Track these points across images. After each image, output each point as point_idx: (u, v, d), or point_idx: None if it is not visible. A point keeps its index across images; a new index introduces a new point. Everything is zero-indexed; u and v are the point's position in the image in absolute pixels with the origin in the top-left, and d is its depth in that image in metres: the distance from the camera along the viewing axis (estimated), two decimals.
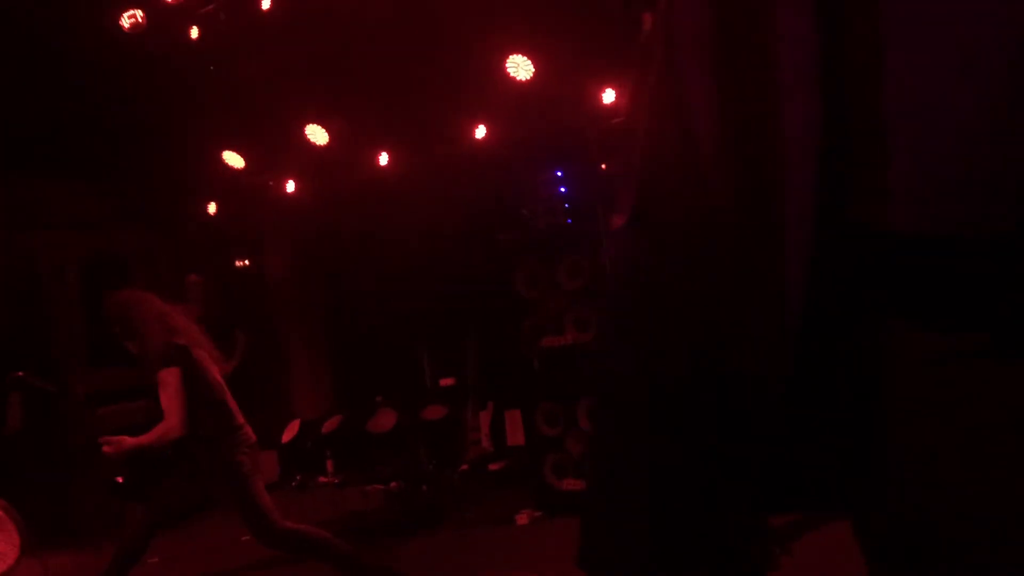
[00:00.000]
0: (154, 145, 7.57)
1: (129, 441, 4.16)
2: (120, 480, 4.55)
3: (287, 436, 6.55)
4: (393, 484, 6.12)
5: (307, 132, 6.97)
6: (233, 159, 7.49)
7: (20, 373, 6.04)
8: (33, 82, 7.20)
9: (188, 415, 4.17)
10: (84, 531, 6.97)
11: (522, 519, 5.67)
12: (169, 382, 4.15)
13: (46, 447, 6.78)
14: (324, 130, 6.95)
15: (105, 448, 4.14)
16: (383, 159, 7.13)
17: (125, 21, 6.67)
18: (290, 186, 7.79)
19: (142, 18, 6.65)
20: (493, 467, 7.07)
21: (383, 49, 6.24)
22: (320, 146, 7.02)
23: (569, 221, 5.85)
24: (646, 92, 1.23)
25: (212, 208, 8.18)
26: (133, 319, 4.32)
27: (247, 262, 9.42)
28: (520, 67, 5.92)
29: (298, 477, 6.41)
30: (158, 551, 5.52)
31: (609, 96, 5.86)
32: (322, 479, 6.40)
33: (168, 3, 6.55)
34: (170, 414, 4.13)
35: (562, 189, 5.85)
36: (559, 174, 5.87)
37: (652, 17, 1.30)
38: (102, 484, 6.74)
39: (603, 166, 5.64)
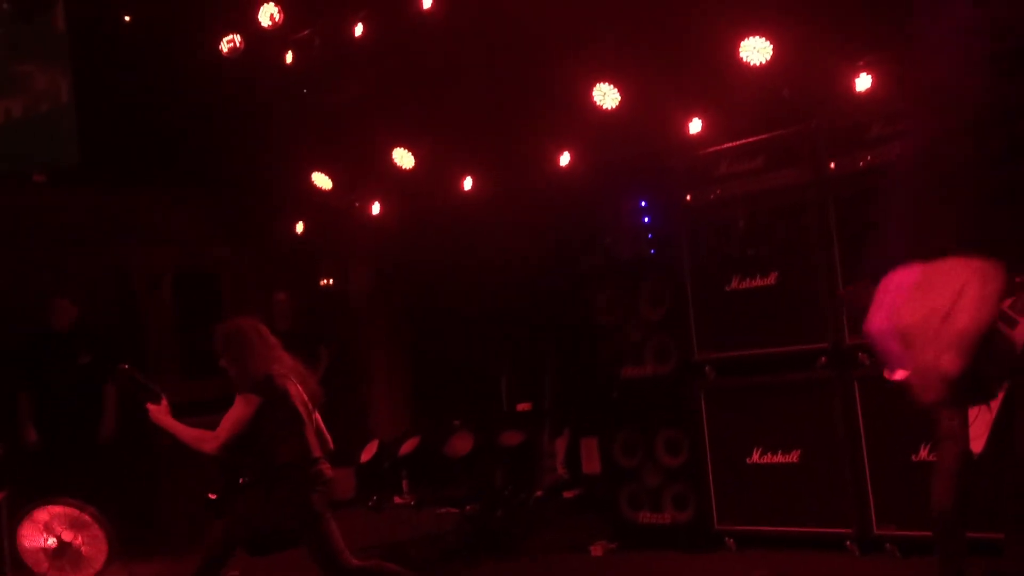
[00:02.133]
0: (247, 164, 7.79)
1: (170, 420, 4.33)
2: (213, 496, 4.65)
3: (365, 456, 6.63)
4: (468, 507, 6.13)
5: (394, 156, 7.08)
6: (322, 180, 7.66)
7: (125, 366, 6.24)
8: (132, 99, 7.49)
9: (265, 442, 4.26)
10: (170, 539, 7.15)
11: (596, 550, 5.62)
12: (242, 404, 4.26)
13: (135, 456, 6.99)
14: (411, 154, 7.06)
15: (150, 405, 4.32)
16: (468, 184, 7.20)
17: (224, 45, 6.90)
18: (375, 208, 7.92)
19: (240, 43, 6.87)
20: (568, 494, 7.03)
21: (470, 75, 6.32)
22: (406, 170, 7.13)
23: (652, 251, 5.81)
24: None
25: (300, 227, 8.37)
26: (241, 345, 4.41)
27: (332, 281, 9.59)
28: (607, 95, 5.92)
29: (374, 497, 6.48)
30: (238, 564, 5.62)
31: (695, 126, 5.81)
32: (398, 499, 6.45)
33: (265, 28, 6.75)
34: (222, 429, 4.26)
35: (646, 219, 5.82)
36: (643, 204, 5.83)
37: None
38: (196, 498, 6.91)
39: (688, 197, 5.58)
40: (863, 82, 5.14)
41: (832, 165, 5.08)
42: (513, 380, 7.90)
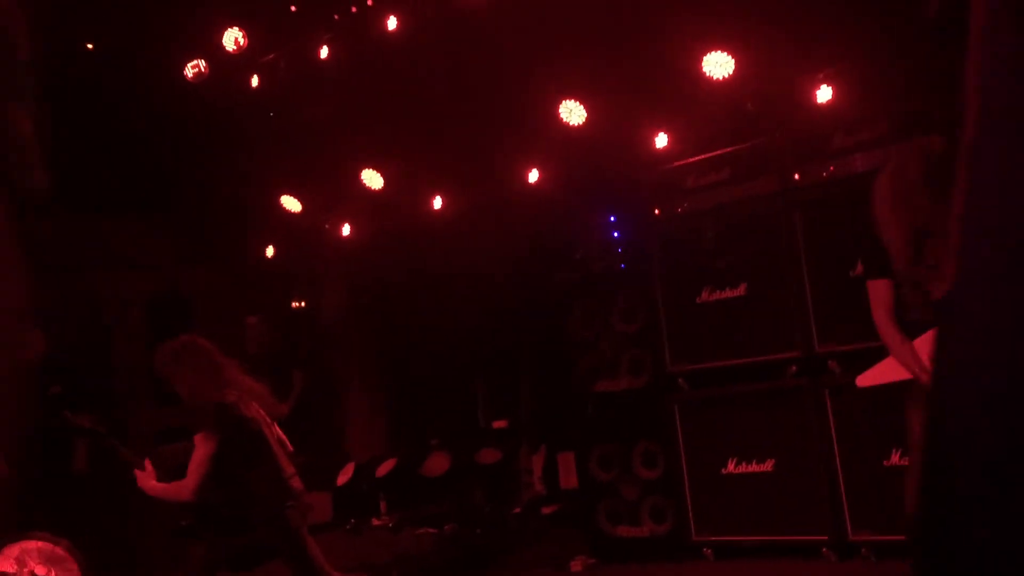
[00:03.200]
0: (215, 189, 7.77)
1: (149, 483, 4.29)
2: (184, 523, 4.62)
3: (342, 479, 6.60)
4: (447, 527, 6.11)
5: (363, 176, 7.09)
6: (291, 203, 7.64)
7: (58, 388, 6.18)
8: (99, 126, 7.44)
9: (232, 471, 4.24)
10: (145, 568, 7.07)
11: (576, 566, 5.62)
12: (203, 444, 4.23)
13: (108, 486, 6.91)
14: (379, 174, 7.06)
15: (136, 471, 4.29)
16: (437, 203, 7.22)
17: (189, 70, 6.89)
18: (346, 229, 7.92)
19: (205, 67, 6.86)
20: (546, 510, 7.02)
21: (437, 94, 6.35)
22: (375, 190, 7.13)
23: (623, 266, 5.84)
24: None
25: (271, 250, 8.34)
26: (184, 368, 4.37)
27: (303, 303, 9.56)
28: (573, 112, 5.97)
29: (352, 520, 6.44)
30: None
31: (662, 140, 5.87)
32: (376, 521, 6.42)
33: (230, 53, 6.75)
34: (190, 475, 4.23)
35: (616, 234, 5.86)
36: (612, 218, 5.88)
37: None
38: (170, 525, 6.84)
39: (657, 210, 5.63)
40: (824, 94, 5.22)
41: (797, 176, 5.15)
42: (488, 397, 7.90)
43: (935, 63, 4.76)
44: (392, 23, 6.20)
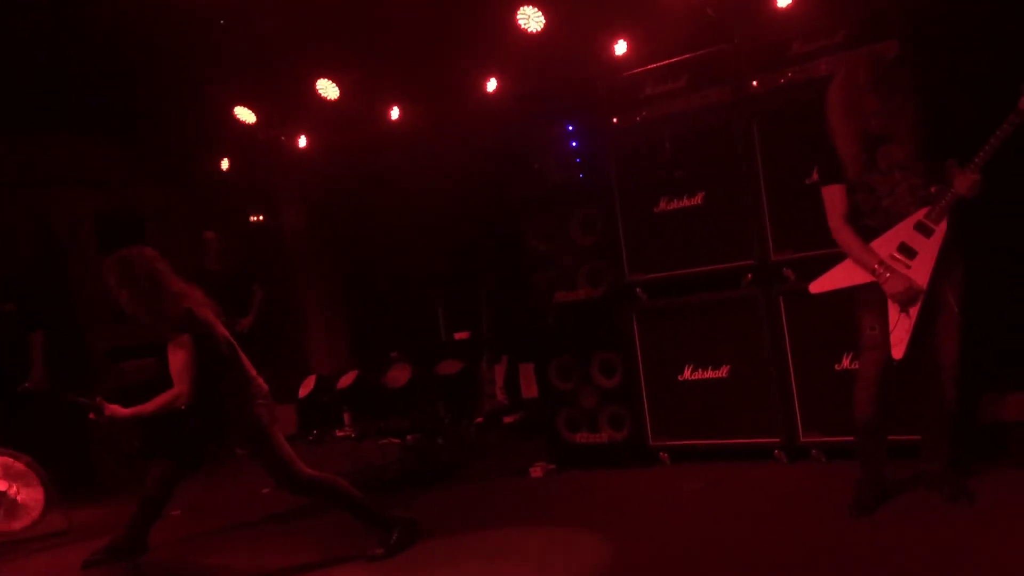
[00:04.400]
0: (167, 101, 7.56)
1: (125, 411, 4.22)
2: (137, 445, 4.64)
3: (304, 391, 6.64)
4: (409, 437, 6.20)
5: (318, 86, 6.94)
6: (245, 114, 7.48)
7: (12, 306, 6.11)
8: (45, 39, 7.18)
9: (199, 376, 4.22)
10: (106, 485, 7.11)
11: (536, 472, 5.74)
12: (179, 350, 4.19)
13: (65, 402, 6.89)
14: (335, 85, 6.92)
15: (91, 415, 4.21)
16: (394, 113, 7.10)
17: None
18: (302, 141, 7.78)
19: None
20: (508, 419, 7.14)
21: (394, 2, 6.17)
22: (331, 100, 6.99)
23: (581, 176, 5.82)
24: None
25: (225, 164, 8.19)
26: (138, 278, 4.32)
27: (262, 217, 9.45)
28: (531, 18, 5.86)
29: (315, 431, 6.49)
30: (180, 503, 5.63)
31: (620, 47, 5.79)
32: (339, 433, 6.49)
33: None
34: (179, 381, 4.18)
35: (573, 144, 5.81)
36: (570, 128, 5.82)
37: None
38: (122, 447, 6.86)
39: (615, 120, 5.58)
40: None
41: (755, 83, 5.12)
42: (449, 310, 7.93)
43: None
44: None
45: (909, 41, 4.55)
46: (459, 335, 7.43)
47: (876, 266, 3.81)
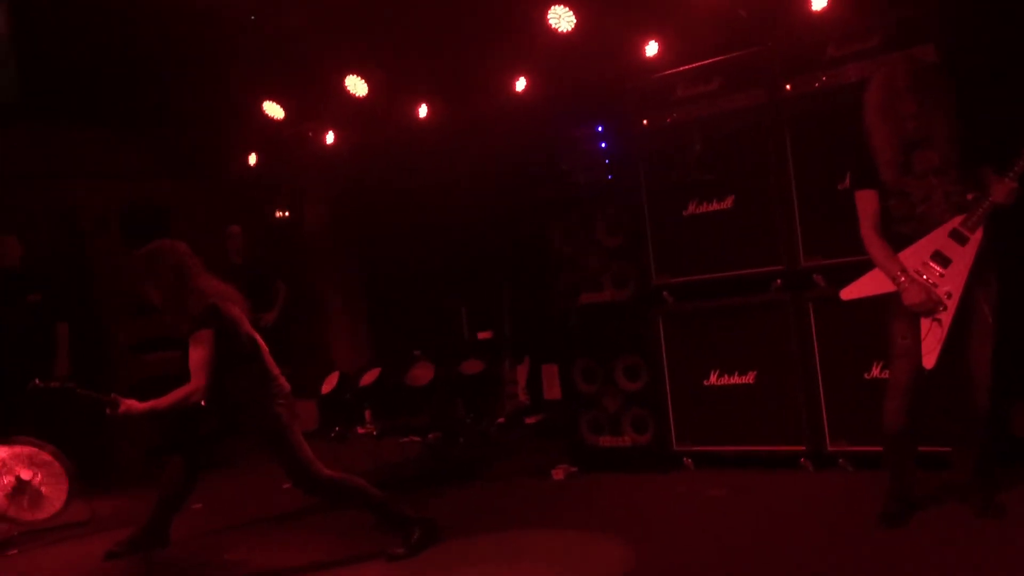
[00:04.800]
0: (196, 96, 7.59)
1: (141, 406, 4.19)
2: (156, 440, 4.64)
3: (327, 387, 6.63)
4: (430, 436, 6.18)
5: (347, 83, 6.94)
6: (273, 109, 7.49)
7: (38, 296, 6.16)
8: (75, 32, 7.23)
9: (221, 373, 4.21)
10: (128, 476, 7.14)
11: (558, 474, 5.70)
12: (200, 344, 4.18)
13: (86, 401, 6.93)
14: (364, 81, 6.91)
15: (107, 410, 4.19)
16: (423, 111, 7.09)
17: None
18: (329, 137, 7.79)
19: None
20: (529, 420, 7.11)
21: (424, 0, 6.16)
22: (360, 97, 6.99)
23: (609, 177, 5.78)
24: None
25: (253, 159, 8.21)
26: (165, 272, 4.33)
27: (287, 213, 9.46)
28: (562, 18, 5.82)
29: (336, 428, 6.49)
30: (201, 497, 5.64)
31: (652, 48, 5.75)
32: (360, 430, 6.48)
33: None
34: (197, 376, 4.16)
35: (602, 145, 5.77)
36: (599, 129, 5.78)
37: None
38: (140, 447, 6.88)
39: (644, 121, 5.54)
40: (818, 2, 5.10)
41: (788, 87, 5.06)
42: (473, 309, 7.91)
43: None
44: None
45: (946, 45, 4.48)
46: (482, 335, 7.40)
47: (898, 274, 3.75)
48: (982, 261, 3.71)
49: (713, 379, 5.37)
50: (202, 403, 4.32)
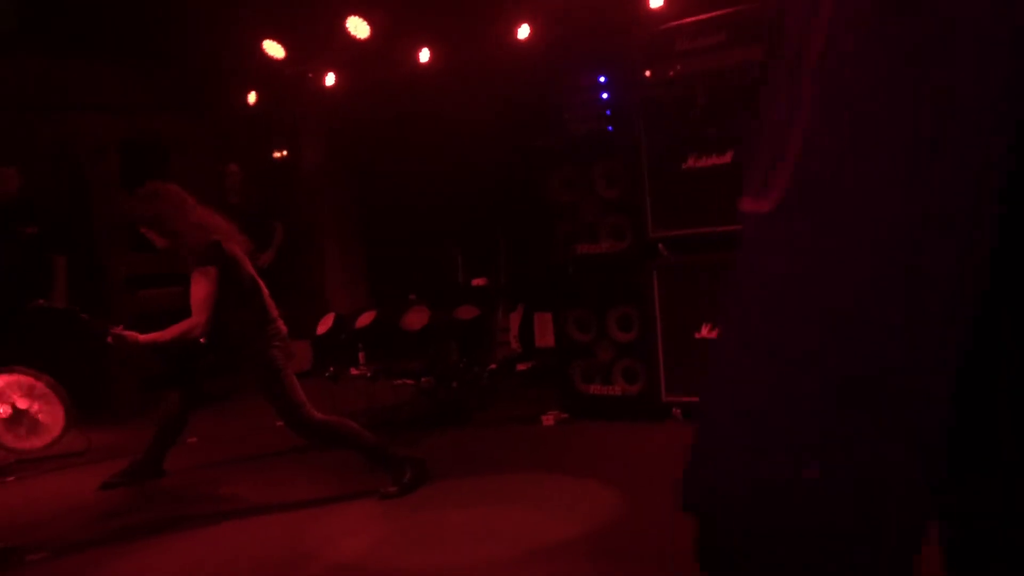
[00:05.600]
0: (196, 31, 7.52)
1: (142, 338, 4.24)
2: (154, 373, 4.70)
3: (321, 328, 6.66)
4: (423, 380, 6.24)
5: (348, 24, 6.88)
6: (273, 48, 7.43)
7: (34, 228, 6.19)
8: None
9: (220, 311, 4.26)
10: (125, 408, 7.23)
11: (548, 420, 5.79)
12: (203, 280, 4.22)
13: (85, 327, 6.97)
14: (366, 23, 6.85)
15: (109, 339, 4.24)
16: (424, 55, 7.04)
17: None
18: (330, 78, 7.74)
19: None
20: (521, 367, 7.18)
21: None
22: (361, 39, 6.94)
23: (610, 128, 5.77)
24: (790, 75, 1.19)
25: (252, 97, 8.16)
26: (165, 212, 4.36)
27: (285, 153, 9.44)
28: None
29: (331, 368, 6.54)
30: (196, 431, 5.73)
31: (657, 1, 5.71)
32: (354, 371, 6.53)
33: None
34: (198, 312, 4.21)
35: (604, 95, 5.76)
36: (602, 80, 5.76)
37: None
38: (138, 376, 6.94)
39: (647, 72, 5.51)
40: None
41: None
42: (468, 255, 7.93)
43: None
44: None
45: None
46: (477, 281, 7.44)
47: None
48: None
49: (704, 332, 5.43)
50: (201, 340, 4.38)
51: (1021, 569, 1.13)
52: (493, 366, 6.75)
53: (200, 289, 4.22)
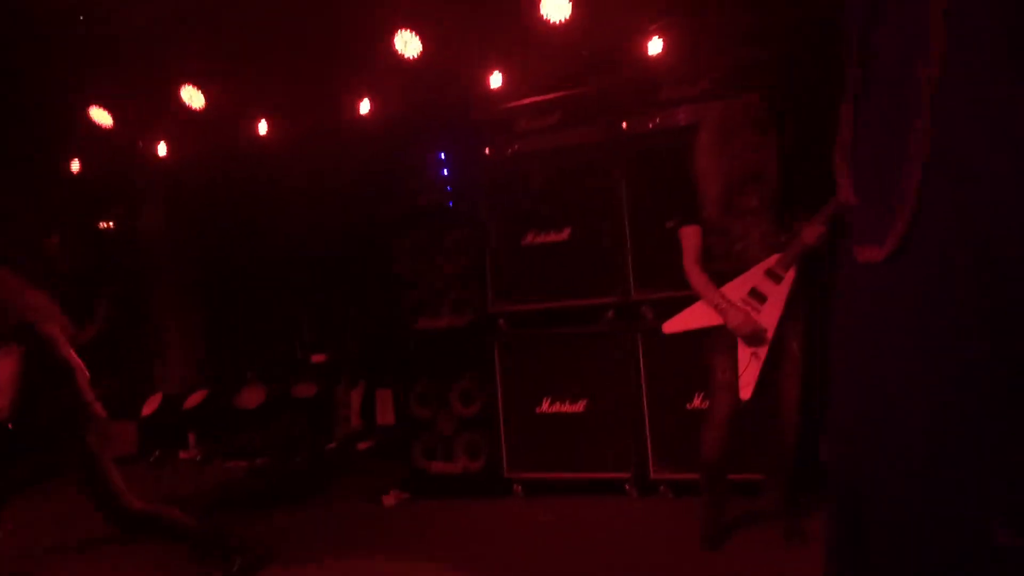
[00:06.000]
0: (13, 97, 7.13)
1: None
2: None
3: (147, 409, 6.31)
4: (258, 460, 5.99)
5: (182, 94, 6.69)
6: (100, 116, 7.13)
7: None
8: None
9: (31, 394, 3.96)
10: None
11: (389, 500, 5.64)
12: (6, 360, 3.93)
13: None
14: (200, 92, 6.69)
15: None
16: (263, 127, 6.92)
17: None
18: (162, 149, 7.48)
19: None
20: (362, 446, 7.01)
21: (268, 10, 6.02)
22: (196, 109, 6.75)
23: (451, 204, 5.82)
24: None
25: (76, 165, 7.78)
26: None
27: (111, 224, 9.01)
28: (408, 44, 5.83)
29: (157, 452, 6.16)
30: (13, 518, 5.26)
31: (496, 80, 5.84)
32: (183, 454, 6.20)
33: None
34: (1, 395, 3.91)
35: (446, 171, 5.81)
36: (444, 155, 5.82)
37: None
38: None
39: (487, 150, 5.61)
40: (655, 46, 5.33)
41: (624, 124, 5.25)
42: (310, 330, 7.75)
43: (758, 25, 4.95)
44: None
45: (770, 94, 4.76)
46: (317, 357, 7.27)
47: (719, 300, 3.95)
48: (794, 300, 3.95)
49: (545, 406, 5.47)
50: (8, 425, 4.04)
51: None
52: (332, 445, 6.56)
53: (3, 372, 3.92)
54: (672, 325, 4.14)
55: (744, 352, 3.95)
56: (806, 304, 4.02)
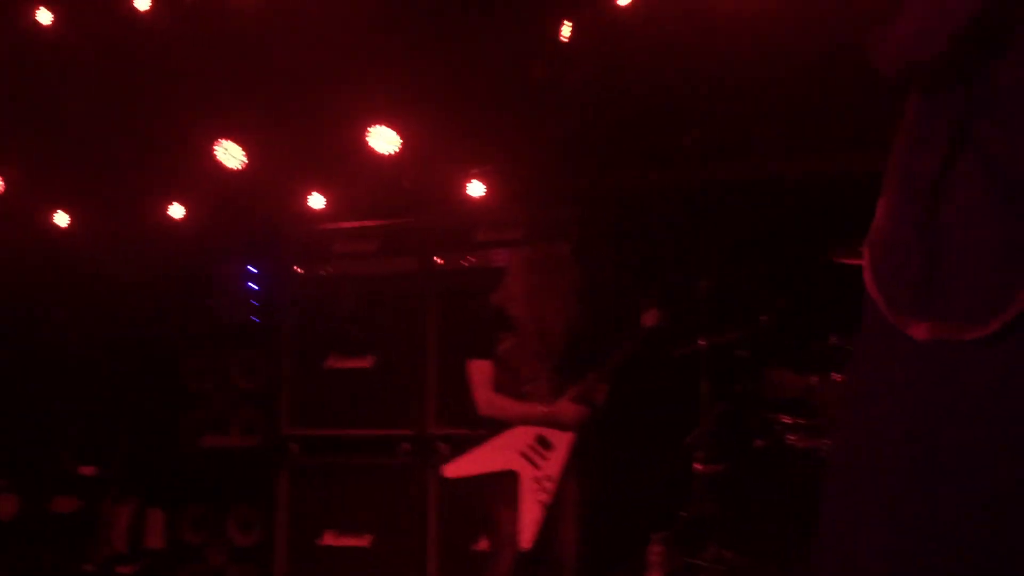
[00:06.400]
0: None
1: None
2: None
3: None
4: None
5: None
6: None
7: None
8: None
9: None
10: None
11: None
12: None
13: None
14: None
15: None
16: (61, 219, 6.53)
17: None
18: None
19: None
20: (123, 570, 6.42)
21: (82, 98, 5.77)
22: None
23: (255, 319, 5.65)
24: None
25: None
26: None
27: None
28: (229, 153, 5.75)
29: None
30: None
31: (317, 201, 5.82)
32: None
33: None
34: None
35: (251, 284, 5.67)
36: (252, 270, 5.68)
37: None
38: None
39: (298, 269, 5.52)
40: (475, 189, 5.50)
41: (439, 260, 5.33)
42: (80, 440, 7.15)
43: (571, 183, 5.26)
44: (46, 17, 5.59)
45: (577, 243, 4.99)
46: (84, 469, 6.69)
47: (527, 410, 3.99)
48: (579, 447, 4.03)
49: (328, 539, 5.23)
50: None
51: None
52: (89, 567, 5.99)
53: None
54: (455, 469, 4.11)
55: (526, 500, 3.94)
56: (593, 451, 4.10)
